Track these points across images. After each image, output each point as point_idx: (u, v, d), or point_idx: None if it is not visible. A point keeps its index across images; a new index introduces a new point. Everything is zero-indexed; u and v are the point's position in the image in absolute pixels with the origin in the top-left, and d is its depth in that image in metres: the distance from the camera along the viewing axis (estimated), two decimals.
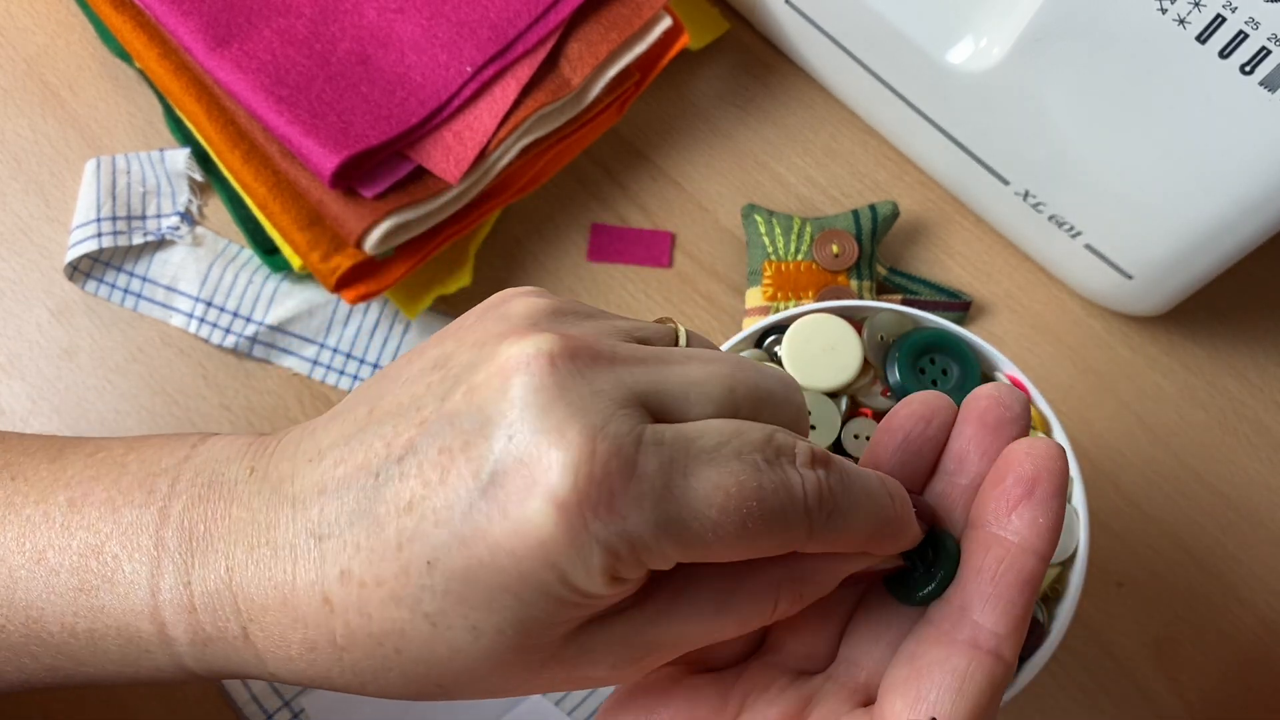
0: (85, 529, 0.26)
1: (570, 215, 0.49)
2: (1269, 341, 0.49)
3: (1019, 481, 0.25)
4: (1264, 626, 0.45)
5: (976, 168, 0.47)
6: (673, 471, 0.21)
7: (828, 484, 0.22)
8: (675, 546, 0.21)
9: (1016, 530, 0.25)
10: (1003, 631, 0.24)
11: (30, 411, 0.45)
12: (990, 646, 0.24)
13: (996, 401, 0.26)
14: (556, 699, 0.42)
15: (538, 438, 0.21)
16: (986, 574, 0.24)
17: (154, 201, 0.47)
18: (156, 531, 0.25)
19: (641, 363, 0.23)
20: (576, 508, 0.20)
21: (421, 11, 0.44)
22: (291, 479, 0.24)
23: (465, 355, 0.23)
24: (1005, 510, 0.25)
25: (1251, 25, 0.35)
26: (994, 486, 0.25)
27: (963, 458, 0.26)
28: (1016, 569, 0.24)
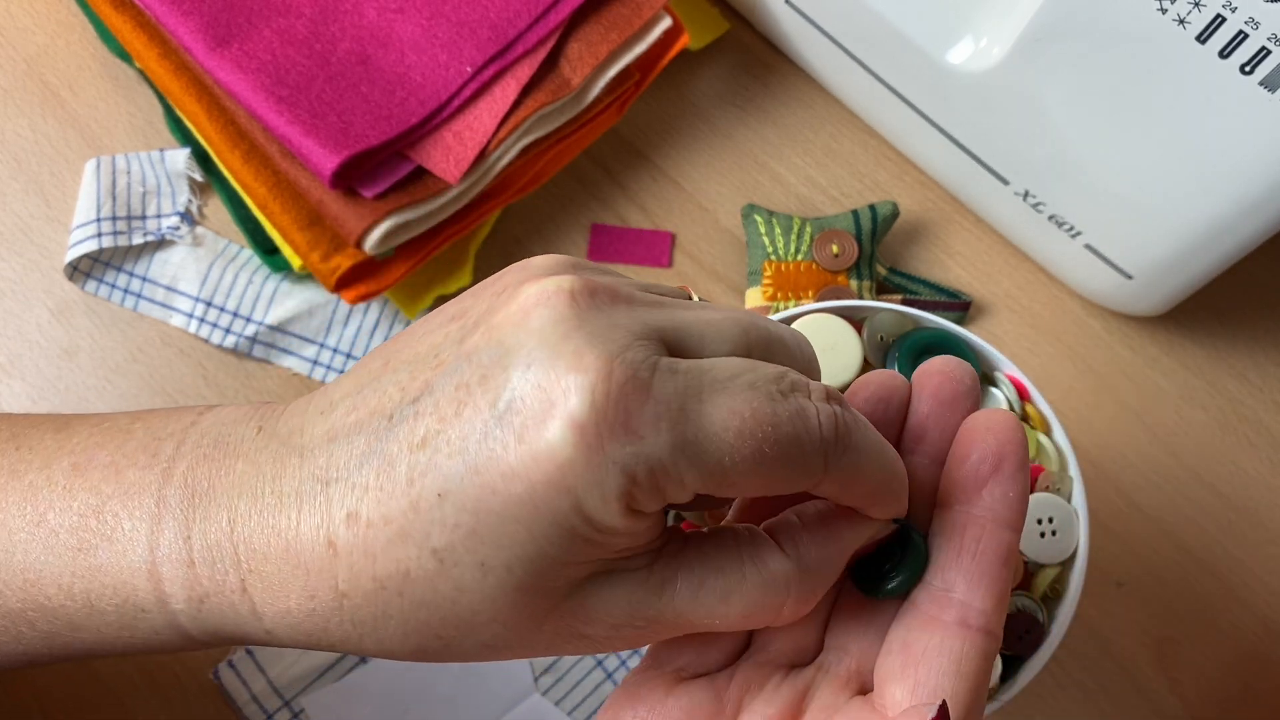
0: (87, 490, 0.26)
1: (570, 215, 0.49)
2: (1269, 341, 0.49)
3: (985, 458, 0.25)
4: (1264, 626, 0.45)
5: (976, 168, 0.47)
6: (688, 396, 0.21)
7: (843, 418, 0.23)
8: (693, 470, 0.21)
9: (989, 506, 0.25)
10: (990, 607, 0.24)
11: (30, 411, 0.45)
12: (979, 624, 0.24)
13: (949, 376, 0.27)
14: (557, 699, 0.42)
15: (555, 363, 0.21)
16: (967, 553, 0.25)
17: (154, 201, 0.47)
18: (159, 490, 0.25)
19: (659, 305, 0.23)
20: (594, 429, 0.20)
21: (421, 11, 0.44)
22: (301, 431, 0.24)
23: (484, 304, 0.23)
24: (975, 488, 0.25)
25: (1251, 25, 0.35)
26: (960, 464, 0.25)
27: (920, 434, 0.27)
28: (995, 545, 0.25)
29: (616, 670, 0.43)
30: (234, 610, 0.24)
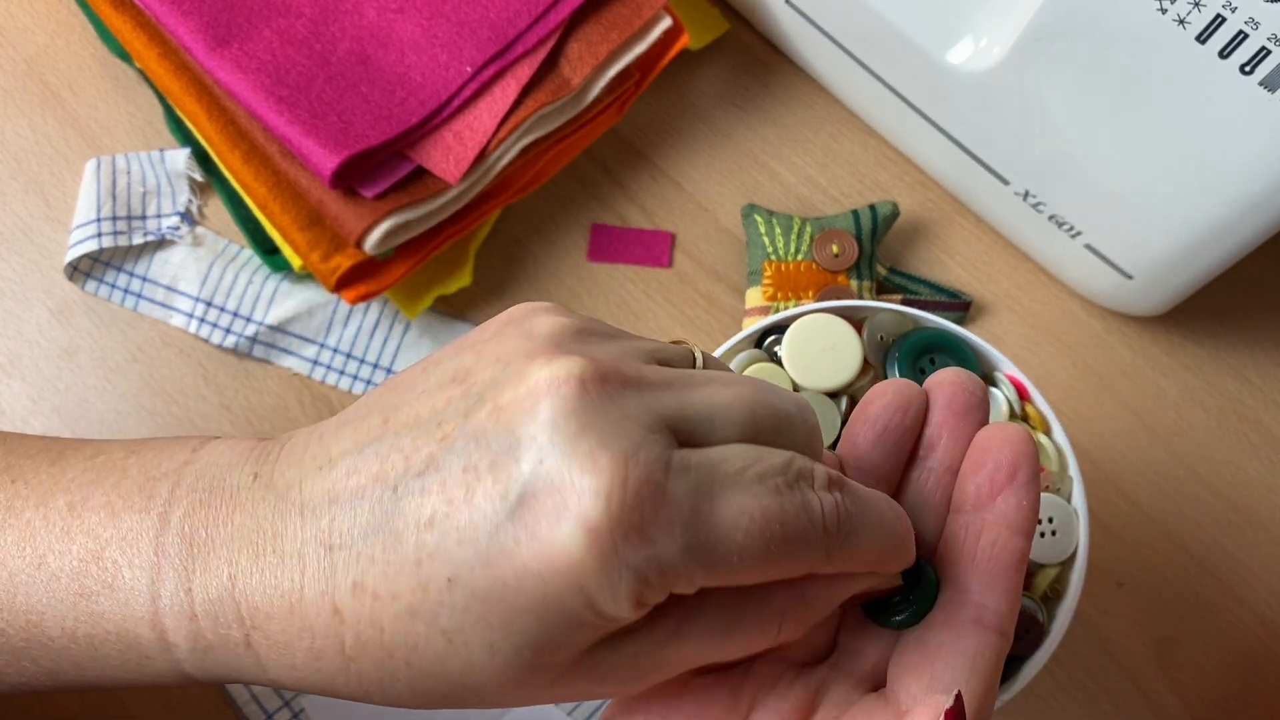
0: (85, 534, 0.26)
1: (570, 215, 0.49)
2: (1269, 342, 0.49)
3: (1000, 468, 0.26)
4: (1264, 626, 0.45)
5: (976, 168, 0.47)
6: (700, 496, 0.21)
7: (844, 507, 0.23)
8: (702, 570, 0.21)
9: (1003, 513, 0.26)
10: (1004, 609, 0.25)
11: (30, 411, 0.45)
12: (994, 624, 0.25)
13: (961, 388, 0.27)
14: None
15: (569, 462, 0.21)
16: (983, 556, 0.26)
17: (154, 201, 0.47)
18: (156, 538, 0.25)
19: (667, 386, 0.23)
20: (609, 533, 0.20)
21: (421, 11, 0.44)
22: (299, 485, 0.24)
23: (487, 371, 0.23)
24: (989, 496, 0.26)
25: (1251, 25, 0.35)
26: (976, 472, 0.26)
27: (933, 442, 0.27)
28: (1009, 549, 0.26)
29: None
30: (239, 661, 0.24)
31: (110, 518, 0.26)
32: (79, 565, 0.25)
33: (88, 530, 0.26)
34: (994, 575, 0.25)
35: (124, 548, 0.25)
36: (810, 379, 0.36)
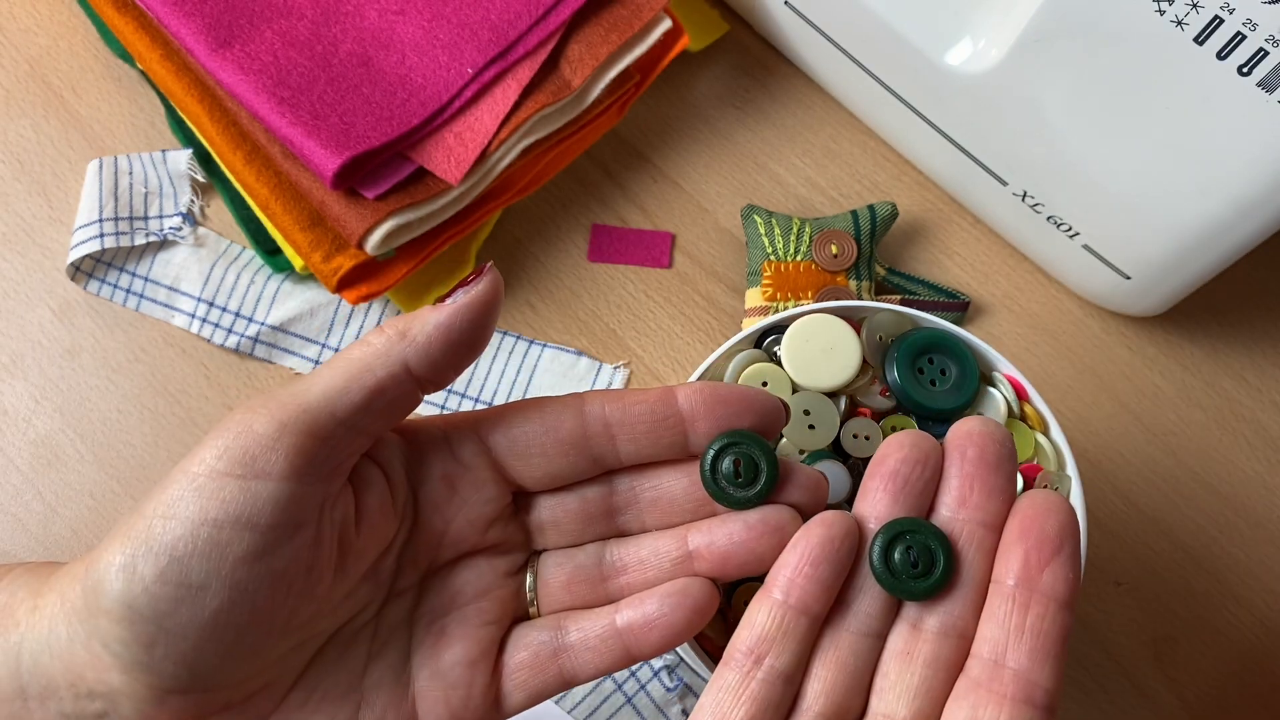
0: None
1: (570, 216, 0.50)
2: (1267, 342, 0.50)
3: (1046, 540, 0.25)
4: (1261, 625, 0.45)
5: (975, 168, 0.47)
6: None
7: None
8: None
9: (1050, 586, 0.25)
10: (1055, 687, 0.25)
11: (33, 412, 0.46)
12: (1044, 703, 0.24)
13: (992, 439, 0.26)
14: (557, 698, 0.42)
15: None
16: (1031, 632, 0.25)
17: (156, 202, 0.48)
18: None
19: None
20: None
21: (423, 13, 0.44)
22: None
23: None
24: (1038, 567, 0.25)
25: (1249, 26, 0.35)
26: (1021, 541, 0.25)
27: (965, 495, 0.26)
28: (1058, 625, 0.25)
29: None
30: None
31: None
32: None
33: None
34: (1044, 652, 0.25)
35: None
36: (809, 379, 0.36)
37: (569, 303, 0.48)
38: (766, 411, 0.28)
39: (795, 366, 0.36)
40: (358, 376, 0.25)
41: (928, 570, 0.26)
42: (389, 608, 0.29)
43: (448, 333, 0.26)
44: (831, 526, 0.26)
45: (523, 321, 0.48)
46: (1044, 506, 0.26)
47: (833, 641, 0.26)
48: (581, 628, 0.28)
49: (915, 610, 0.26)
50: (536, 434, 0.28)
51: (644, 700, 0.43)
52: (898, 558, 0.26)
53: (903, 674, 0.26)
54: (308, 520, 0.25)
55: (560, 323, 0.48)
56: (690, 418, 0.28)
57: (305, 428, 0.25)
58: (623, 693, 0.43)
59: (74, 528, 0.44)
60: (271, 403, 0.25)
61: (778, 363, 0.37)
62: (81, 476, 0.45)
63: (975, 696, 0.25)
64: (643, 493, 0.29)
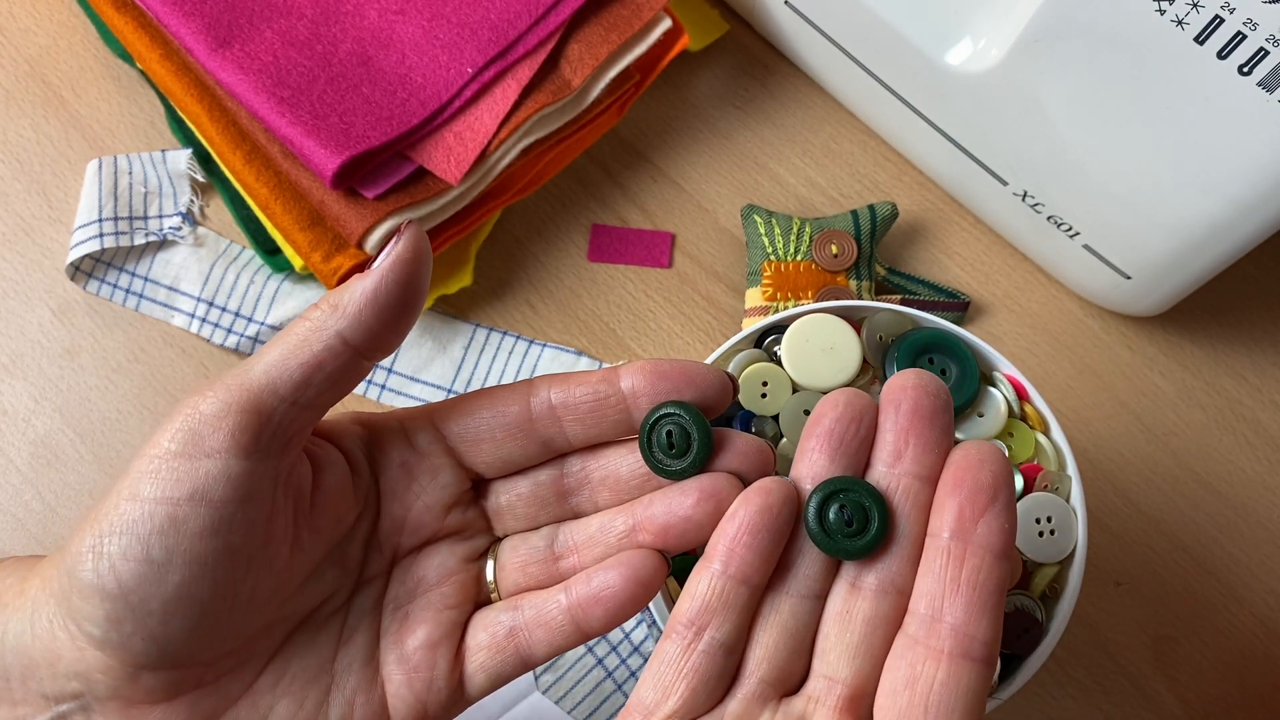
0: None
1: (570, 215, 0.50)
2: (1267, 342, 0.50)
3: (980, 490, 0.25)
4: (1261, 625, 0.45)
5: (975, 168, 0.47)
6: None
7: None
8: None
9: (984, 538, 0.25)
10: (992, 638, 0.25)
11: (33, 411, 0.46)
12: (983, 655, 0.24)
13: (925, 391, 0.26)
14: (557, 698, 0.42)
15: None
16: (967, 584, 0.25)
17: (155, 202, 0.48)
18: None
19: None
20: None
21: (422, 13, 0.44)
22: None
23: None
24: (972, 519, 0.25)
25: (1250, 26, 0.35)
26: (954, 493, 0.25)
27: (900, 449, 0.26)
28: (994, 576, 0.25)
29: (617, 669, 0.43)
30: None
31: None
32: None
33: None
34: (981, 604, 0.25)
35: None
36: (809, 379, 0.36)
37: (569, 303, 0.48)
38: (708, 384, 0.28)
39: (795, 366, 0.36)
40: (295, 352, 0.26)
41: (863, 528, 0.26)
42: (359, 595, 0.29)
43: (375, 298, 0.26)
44: (769, 494, 0.26)
45: (523, 321, 0.48)
46: (977, 457, 0.25)
47: (773, 606, 0.26)
48: (534, 606, 0.29)
49: (853, 569, 0.26)
50: (486, 420, 0.28)
51: None
52: (832, 517, 0.26)
53: (842, 634, 0.26)
54: (259, 494, 0.26)
55: (560, 323, 0.48)
56: (633, 396, 0.28)
57: (249, 405, 0.25)
58: (623, 693, 0.43)
59: (74, 527, 0.44)
60: (218, 384, 0.26)
61: (778, 363, 0.37)
62: (81, 476, 0.45)
63: (913, 653, 0.25)
64: (593, 473, 0.30)
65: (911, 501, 0.26)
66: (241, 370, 0.26)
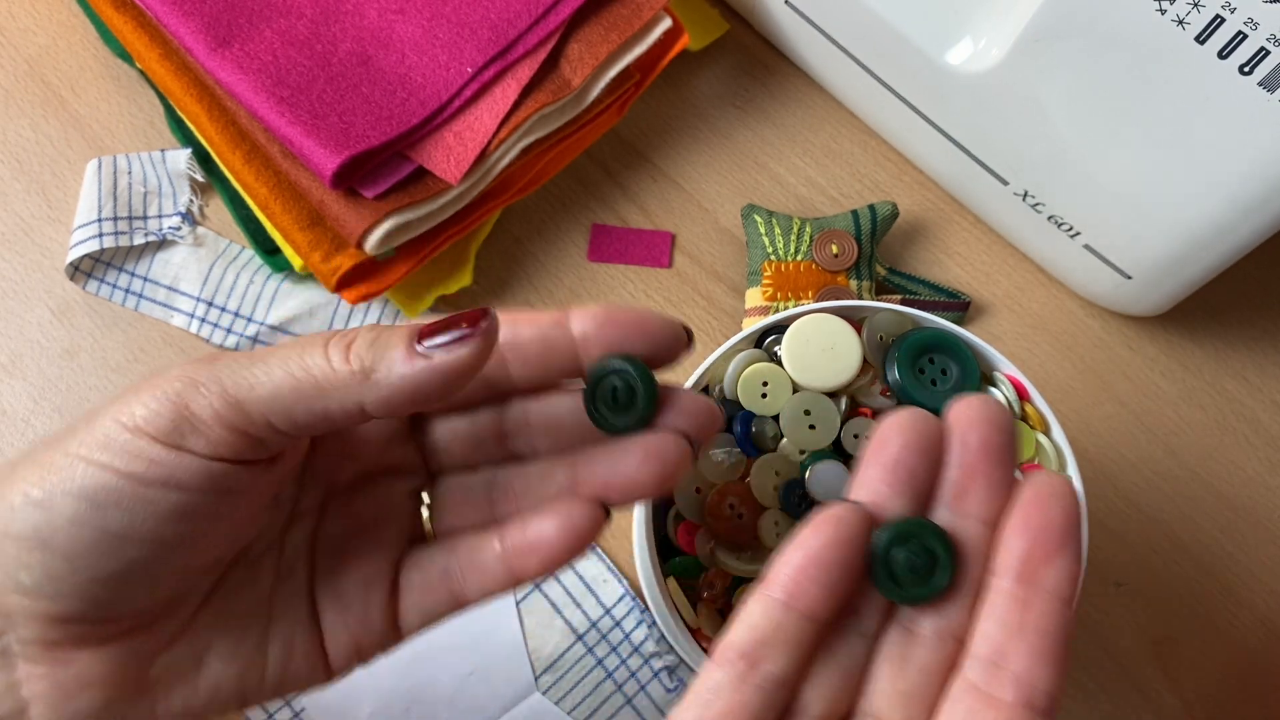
0: None
1: (570, 215, 0.50)
2: (1268, 342, 0.49)
3: (1050, 532, 0.24)
4: (1262, 625, 0.45)
5: (975, 168, 0.47)
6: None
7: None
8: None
9: (1051, 582, 0.24)
10: (1057, 690, 0.23)
11: (32, 411, 0.46)
12: (1045, 707, 0.23)
13: (993, 425, 0.25)
14: (557, 699, 0.42)
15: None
16: (1033, 631, 0.23)
17: (155, 202, 0.47)
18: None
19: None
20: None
21: (422, 12, 0.44)
22: None
23: None
24: (1041, 561, 0.24)
25: (1250, 26, 0.35)
26: (1021, 534, 0.24)
27: (964, 491, 0.25)
28: (1061, 624, 0.24)
29: (617, 669, 0.43)
30: None
31: None
32: None
33: None
34: (1046, 652, 0.23)
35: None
36: (810, 379, 0.36)
37: (569, 302, 0.48)
38: (661, 335, 0.27)
39: (795, 366, 0.36)
40: (309, 398, 0.24)
41: (929, 574, 0.24)
42: (293, 530, 0.28)
43: (415, 390, 0.24)
44: (843, 525, 0.24)
45: None
46: (1048, 495, 0.24)
47: (831, 642, 0.25)
48: (469, 550, 0.28)
49: (910, 612, 0.25)
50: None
51: (644, 701, 0.43)
52: (901, 562, 0.24)
53: (895, 679, 0.25)
54: (235, 487, 0.25)
55: None
56: (583, 342, 0.27)
57: (239, 425, 0.24)
58: (623, 693, 0.43)
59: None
60: (213, 384, 0.24)
61: (778, 363, 0.36)
62: None
63: (973, 699, 0.24)
64: (534, 418, 0.28)
65: (974, 546, 0.25)
66: (242, 382, 0.24)
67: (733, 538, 0.35)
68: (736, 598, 0.34)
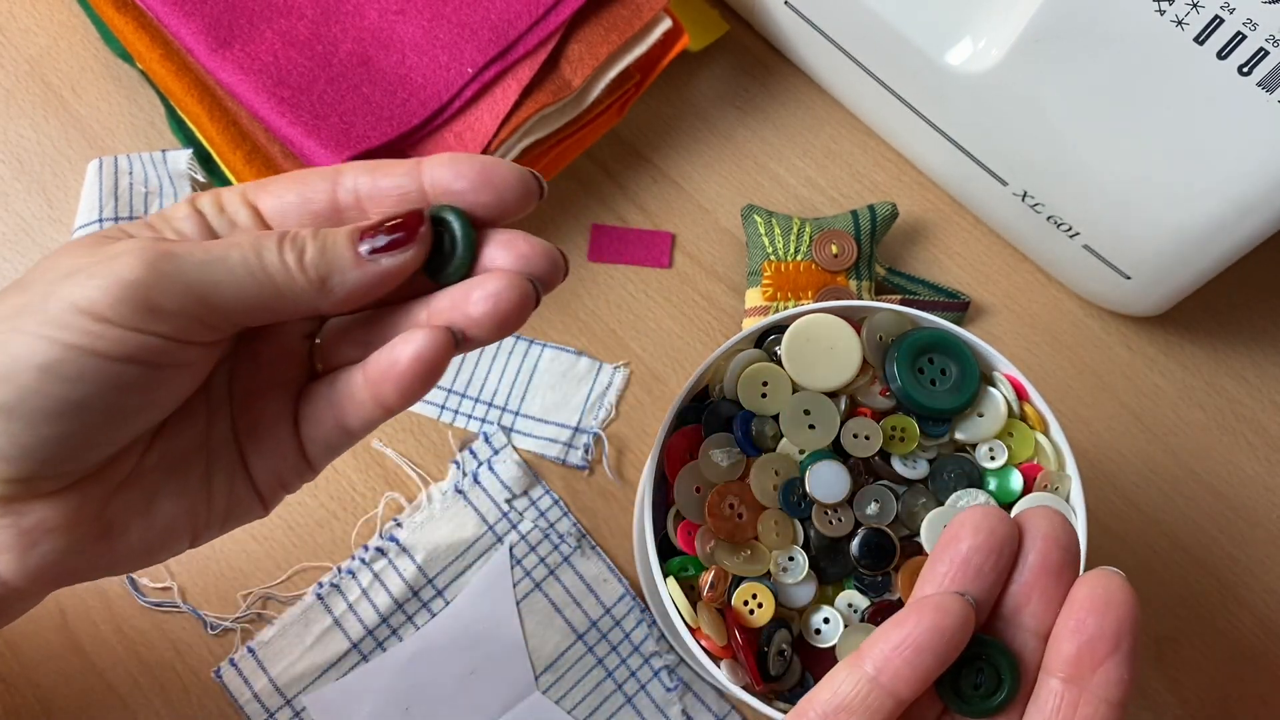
0: None
1: (570, 215, 0.50)
2: (1267, 341, 0.50)
3: (1104, 637, 0.24)
4: (1262, 626, 0.45)
5: (975, 169, 0.47)
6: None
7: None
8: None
9: (1101, 687, 0.24)
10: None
11: None
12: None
13: (1057, 543, 0.25)
14: (557, 698, 0.42)
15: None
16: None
17: (156, 202, 0.48)
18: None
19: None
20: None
21: (423, 13, 0.44)
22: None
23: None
24: (1091, 665, 0.24)
25: (1249, 26, 0.35)
26: (1074, 636, 0.25)
27: (1022, 601, 0.25)
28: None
29: (617, 669, 0.43)
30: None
31: None
32: None
33: None
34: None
35: None
36: (810, 379, 0.36)
37: (569, 302, 0.48)
38: (507, 185, 0.28)
39: (795, 366, 0.36)
40: (269, 301, 0.26)
41: (993, 692, 0.25)
42: (215, 374, 0.29)
43: (365, 293, 0.26)
44: (946, 615, 0.24)
45: None
46: (1103, 598, 0.24)
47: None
48: (345, 381, 0.29)
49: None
50: (294, 205, 0.28)
51: (644, 700, 0.43)
52: (967, 681, 0.25)
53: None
54: (189, 360, 0.26)
55: (560, 322, 0.48)
56: (433, 190, 0.28)
57: (203, 317, 0.25)
58: (623, 693, 0.43)
59: None
60: (178, 279, 0.25)
61: (778, 363, 0.37)
62: None
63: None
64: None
65: (1030, 659, 0.25)
66: (204, 277, 0.25)
67: (732, 537, 0.35)
68: (736, 597, 0.34)
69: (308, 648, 0.42)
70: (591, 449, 0.46)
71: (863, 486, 0.35)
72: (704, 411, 0.36)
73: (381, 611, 0.43)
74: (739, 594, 0.34)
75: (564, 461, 0.46)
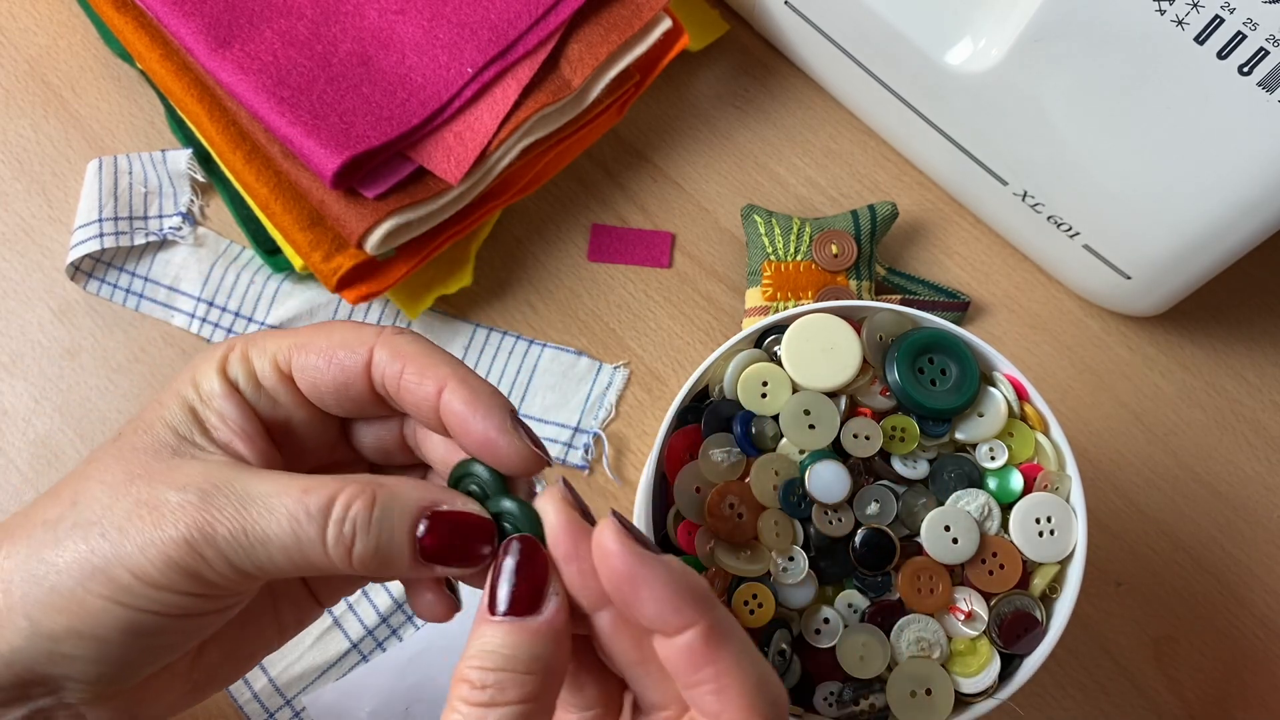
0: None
1: (570, 215, 0.50)
2: (1267, 341, 0.50)
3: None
4: (1262, 625, 0.45)
5: (975, 168, 0.47)
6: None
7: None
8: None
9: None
10: None
11: (33, 411, 0.46)
12: None
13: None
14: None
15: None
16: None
17: (156, 202, 0.48)
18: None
19: None
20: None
21: (422, 13, 0.44)
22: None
23: None
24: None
25: (1250, 26, 0.35)
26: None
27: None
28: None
29: None
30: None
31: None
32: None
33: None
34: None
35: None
36: (810, 379, 0.36)
37: (569, 303, 0.48)
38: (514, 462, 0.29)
39: (795, 366, 0.36)
40: (310, 571, 0.27)
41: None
42: None
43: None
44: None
45: (523, 321, 0.48)
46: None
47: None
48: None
49: None
50: (324, 372, 0.29)
51: None
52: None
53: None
54: (232, 603, 0.28)
55: (560, 323, 0.48)
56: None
57: (241, 584, 0.27)
58: None
59: None
60: (215, 557, 0.26)
61: (778, 363, 0.37)
62: None
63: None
64: (421, 433, 0.32)
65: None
66: (233, 549, 0.26)
67: (732, 537, 0.35)
68: (736, 598, 0.34)
69: (307, 648, 0.42)
70: (591, 449, 0.46)
71: (863, 486, 0.35)
72: (704, 411, 0.36)
73: (381, 611, 0.43)
74: (739, 594, 0.34)
75: (564, 461, 0.46)
